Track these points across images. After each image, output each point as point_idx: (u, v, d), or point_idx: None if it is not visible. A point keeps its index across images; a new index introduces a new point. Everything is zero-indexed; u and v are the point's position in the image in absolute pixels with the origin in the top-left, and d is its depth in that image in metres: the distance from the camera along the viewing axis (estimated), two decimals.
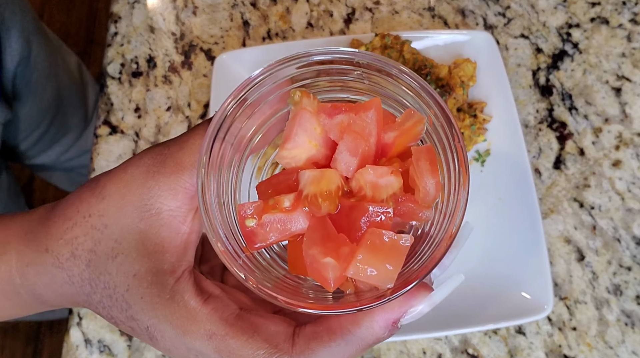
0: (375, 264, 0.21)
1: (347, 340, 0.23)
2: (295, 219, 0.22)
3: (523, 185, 0.47)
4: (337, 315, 0.23)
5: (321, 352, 0.23)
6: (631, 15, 0.56)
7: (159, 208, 0.25)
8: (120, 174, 0.26)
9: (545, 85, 0.55)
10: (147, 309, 0.25)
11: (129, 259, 0.26)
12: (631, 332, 0.47)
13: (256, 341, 0.24)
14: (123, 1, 0.60)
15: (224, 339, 0.24)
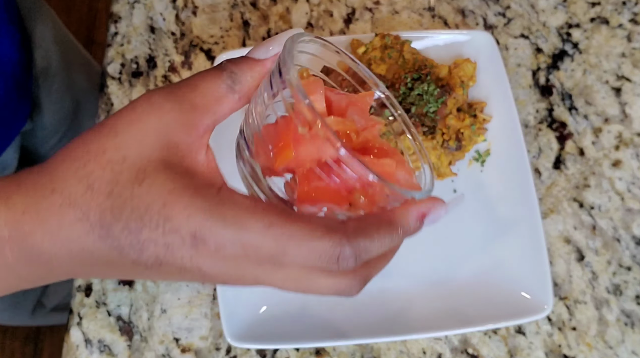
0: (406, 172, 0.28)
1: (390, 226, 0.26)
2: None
3: (523, 185, 0.47)
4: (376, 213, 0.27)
5: (372, 234, 0.25)
6: (631, 15, 0.56)
7: (176, 142, 0.26)
8: (129, 112, 0.26)
9: (545, 85, 0.55)
10: (193, 216, 0.24)
11: (159, 181, 0.25)
12: (631, 332, 0.47)
13: (314, 224, 0.24)
14: (123, 1, 0.60)
15: (283, 225, 0.24)
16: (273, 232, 0.24)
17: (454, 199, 0.28)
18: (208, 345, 0.47)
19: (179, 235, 0.24)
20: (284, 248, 0.24)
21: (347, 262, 0.24)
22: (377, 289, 0.47)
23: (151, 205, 0.25)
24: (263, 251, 0.24)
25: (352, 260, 0.24)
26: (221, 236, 0.24)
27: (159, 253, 0.25)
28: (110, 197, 0.25)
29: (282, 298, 0.47)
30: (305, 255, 0.24)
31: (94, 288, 0.50)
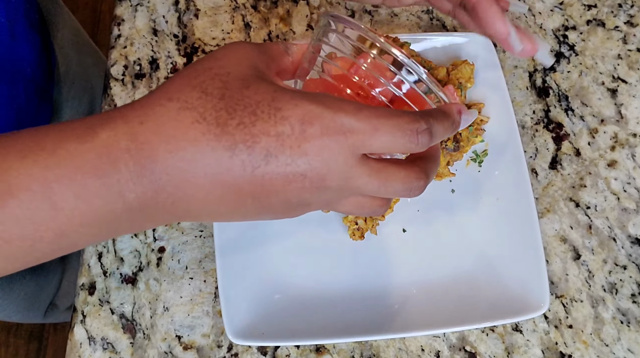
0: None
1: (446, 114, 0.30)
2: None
3: (520, 185, 0.48)
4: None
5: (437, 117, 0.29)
6: (627, 18, 0.57)
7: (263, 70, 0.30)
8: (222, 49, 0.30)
9: (542, 86, 0.55)
10: (299, 104, 0.28)
11: (263, 85, 0.29)
12: (627, 330, 0.47)
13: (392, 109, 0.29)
14: (126, 4, 0.61)
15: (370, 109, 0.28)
16: (364, 113, 0.28)
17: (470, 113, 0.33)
18: (210, 343, 0.48)
19: (288, 123, 0.27)
20: (374, 125, 0.27)
21: (424, 137, 0.28)
22: (377, 287, 0.48)
23: (261, 102, 0.28)
24: (358, 127, 0.28)
25: (427, 135, 0.28)
26: (324, 118, 0.27)
27: (269, 145, 0.27)
28: (223, 99, 0.28)
29: (283, 297, 0.47)
30: (391, 130, 0.28)
31: (97, 287, 0.50)
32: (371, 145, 0.28)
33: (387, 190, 0.30)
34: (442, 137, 0.30)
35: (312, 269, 0.49)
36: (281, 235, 0.50)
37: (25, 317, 0.74)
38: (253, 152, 0.27)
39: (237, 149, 0.27)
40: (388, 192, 0.30)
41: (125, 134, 0.27)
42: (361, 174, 0.29)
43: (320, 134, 0.27)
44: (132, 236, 0.52)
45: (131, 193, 0.27)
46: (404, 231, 0.50)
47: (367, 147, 0.28)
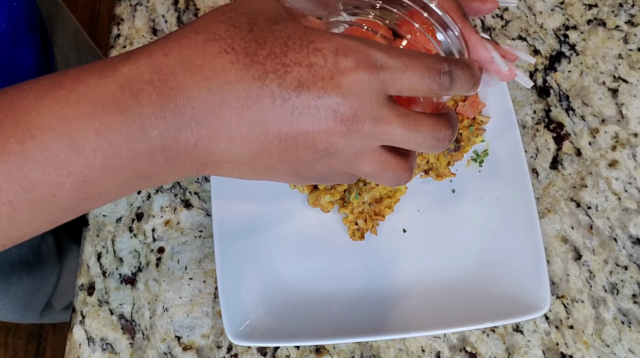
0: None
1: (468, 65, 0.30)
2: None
3: (520, 185, 0.48)
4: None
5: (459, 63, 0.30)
6: (628, 17, 0.57)
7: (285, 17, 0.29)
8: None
9: (543, 86, 0.55)
10: (333, 37, 0.27)
11: (292, 23, 0.28)
12: (628, 331, 0.47)
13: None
14: (125, 3, 0.61)
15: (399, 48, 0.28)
16: (396, 51, 0.28)
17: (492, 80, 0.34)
18: (209, 343, 0.48)
19: (321, 54, 0.26)
20: (405, 63, 0.27)
21: (446, 78, 0.28)
22: (377, 288, 0.48)
23: (292, 34, 0.27)
24: (390, 64, 0.27)
25: (449, 77, 0.28)
26: (358, 52, 0.26)
27: (301, 75, 0.26)
28: (252, 32, 0.27)
29: (282, 298, 0.47)
30: (420, 69, 0.27)
31: (96, 287, 0.50)
32: (401, 83, 0.27)
33: (417, 136, 0.28)
34: (462, 87, 0.30)
35: (312, 270, 0.48)
36: (281, 235, 0.49)
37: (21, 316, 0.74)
38: (284, 82, 0.26)
39: (268, 79, 0.26)
40: (417, 139, 0.29)
41: (148, 66, 0.26)
42: (391, 116, 0.28)
43: (355, 66, 0.26)
44: (131, 237, 0.52)
45: (153, 129, 0.26)
46: (404, 231, 0.50)
47: (397, 85, 0.27)
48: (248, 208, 0.49)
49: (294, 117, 0.26)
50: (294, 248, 0.49)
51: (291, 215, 0.50)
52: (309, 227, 0.50)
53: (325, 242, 0.49)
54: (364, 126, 0.27)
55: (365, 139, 0.28)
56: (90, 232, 0.52)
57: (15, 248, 0.65)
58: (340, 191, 0.48)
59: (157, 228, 0.52)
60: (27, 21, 0.51)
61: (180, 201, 0.52)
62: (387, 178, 0.31)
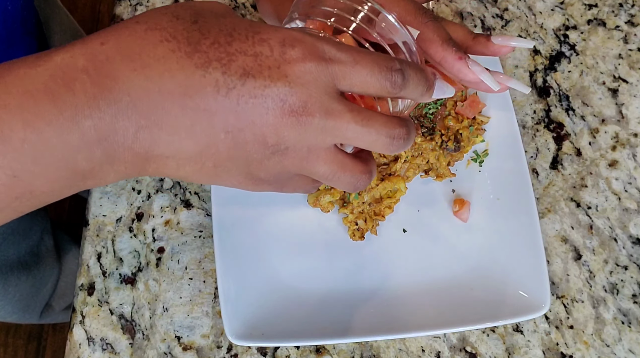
0: None
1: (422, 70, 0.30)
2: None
3: (520, 185, 0.48)
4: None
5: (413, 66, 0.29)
6: (628, 17, 0.57)
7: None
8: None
9: (543, 86, 0.55)
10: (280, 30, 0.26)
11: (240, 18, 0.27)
12: (628, 331, 0.47)
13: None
14: (125, 3, 0.61)
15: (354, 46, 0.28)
16: (345, 46, 0.27)
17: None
18: (209, 343, 0.48)
19: (267, 44, 0.25)
20: (354, 58, 0.26)
21: (398, 75, 0.27)
22: (377, 288, 0.48)
23: (238, 25, 0.26)
24: (339, 57, 0.26)
25: (401, 75, 0.27)
26: (306, 43, 0.26)
27: (246, 63, 0.25)
28: (197, 23, 0.26)
29: (282, 298, 0.47)
30: (370, 65, 0.26)
31: (96, 287, 0.50)
32: (351, 78, 0.26)
33: (370, 132, 0.27)
34: (415, 88, 0.29)
35: (312, 270, 0.48)
36: (281, 235, 0.49)
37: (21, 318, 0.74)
38: (228, 70, 0.25)
39: (211, 67, 0.25)
40: (370, 135, 0.27)
41: (83, 54, 0.24)
42: (343, 110, 0.27)
43: (302, 57, 0.25)
44: (131, 237, 0.52)
45: (86, 119, 0.24)
46: (405, 231, 0.50)
47: (347, 79, 0.26)
48: (248, 208, 0.49)
49: (239, 107, 0.25)
50: (294, 248, 0.49)
51: (291, 215, 0.50)
52: (309, 227, 0.50)
53: (325, 242, 0.49)
54: (314, 119, 0.26)
55: (316, 133, 0.27)
56: (90, 232, 0.52)
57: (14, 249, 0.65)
58: (340, 191, 0.48)
59: (157, 228, 0.52)
60: (23, 24, 0.51)
61: (180, 201, 0.52)
62: (345, 181, 0.30)
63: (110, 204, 0.53)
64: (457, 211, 0.49)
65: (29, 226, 0.67)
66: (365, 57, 0.27)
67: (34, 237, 0.69)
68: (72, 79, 0.24)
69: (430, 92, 0.30)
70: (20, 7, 0.49)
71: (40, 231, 0.71)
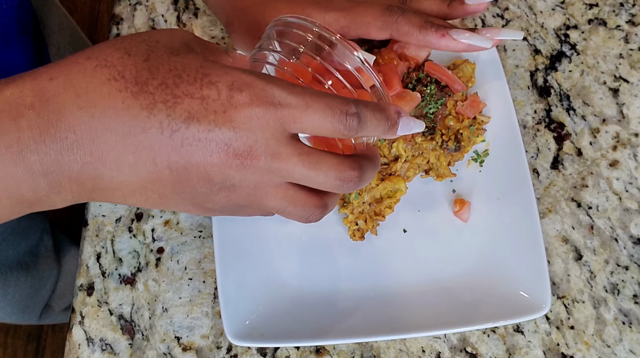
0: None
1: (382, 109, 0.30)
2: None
3: (521, 185, 0.48)
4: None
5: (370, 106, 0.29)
6: (628, 17, 0.57)
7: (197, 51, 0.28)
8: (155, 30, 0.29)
9: (543, 86, 0.55)
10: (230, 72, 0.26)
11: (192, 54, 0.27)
12: (629, 331, 0.47)
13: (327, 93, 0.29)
14: (125, 3, 0.61)
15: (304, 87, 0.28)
16: (297, 89, 0.27)
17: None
18: (209, 344, 0.48)
19: (215, 87, 0.25)
20: (306, 102, 0.26)
21: (353, 119, 0.27)
22: (377, 288, 0.48)
23: (189, 65, 0.26)
24: (289, 101, 0.26)
25: (356, 118, 0.27)
26: (255, 87, 0.26)
27: (192, 107, 0.25)
28: (148, 61, 0.26)
29: (282, 298, 0.47)
30: (322, 108, 0.26)
31: (95, 287, 0.50)
32: (302, 122, 0.26)
33: (318, 175, 0.27)
34: (373, 129, 0.29)
35: (313, 270, 0.48)
36: (281, 235, 0.49)
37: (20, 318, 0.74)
38: (173, 113, 0.25)
39: (156, 108, 0.25)
40: (319, 178, 0.27)
41: (31, 90, 0.25)
42: (290, 154, 0.27)
43: (249, 102, 0.25)
44: (130, 237, 0.51)
45: (32, 153, 0.24)
46: (405, 231, 0.50)
47: (298, 123, 0.26)
48: None
49: (183, 148, 0.25)
50: (294, 248, 0.49)
51: None
52: (308, 227, 0.49)
53: (325, 242, 0.49)
54: (259, 162, 0.26)
55: (262, 174, 0.27)
56: (90, 232, 0.52)
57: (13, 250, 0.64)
58: None
59: (156, 228, 0.51)
60: (20, 24, 0.51)
61: None
62: (297, 214, 0.30)
63: (110, 204, 0.53)
64: (458, 211, 0.49)
65: (28, 227, 0.67)
66: (318, 100, 0.27)
67: (33, 237, 0.69)
68: (19, 114, 0.24)
69: (393, 130, 0.30)
70: (16, 5, 0.48)
71: (40, 232, 0.71)
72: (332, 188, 0.28)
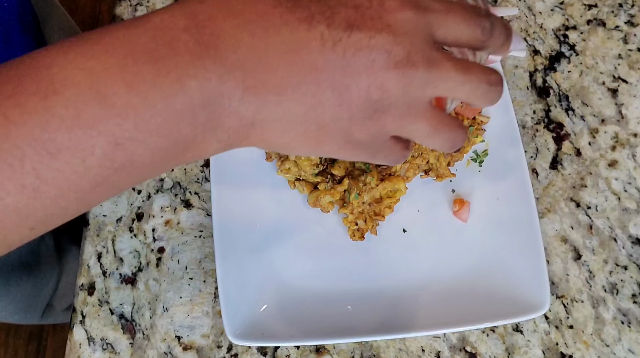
0: None
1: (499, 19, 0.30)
2: None
3: (520, 185, 0.48)
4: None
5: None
6: (627, 17, 0.57)
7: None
8: None
9: (542, 86, 0.55)
10: None
11: None
12: (627, 330, 0.47)
13: None
14: (126, 3, 0.61)
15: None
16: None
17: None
18: (209, 343, 0.48)
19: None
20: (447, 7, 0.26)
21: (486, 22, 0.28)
22: (377, 288, 0.48)
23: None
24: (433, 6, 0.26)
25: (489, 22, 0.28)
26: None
27: (349, 15, 0.24)
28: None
29: (282, 298, 0.47)
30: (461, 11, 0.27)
31: (96, 287, 0.50)
32: (447, 26, 0.26)
33: (471, 80, 0.27)
34: (499, 36, 0.29)
35: (312, 270, 0.48)
36: (281, 235, 0.49)
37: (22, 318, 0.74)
38: (333, 23, 0.24)
39: (315, 20, 0.24)
40: (472, 83, 0.27)
41: (183, 14, 0.23)
42: (443, 59, 0.26)
43: (401, 5, 0.25)
44: (131, 237, 0.52)
45: (191, 79, 0.23)
46: (405, 231, 0.50)
47: (443, 28, 0.26)
48: (248, 208, 0.49)
49: (345, 60, 0.24)
50: (294, 248, 0.49)
51: (291, 215, 0.50)
52: (309, 227, 0.50)
53: (325, 242, 0.49)
54: (418, 71, 0.25)
55: (419, 87, 0.26)
56: (91, 232, 0.52)
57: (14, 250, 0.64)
58: (340, 191, 0.48)
59: (157, 228, 0.52)
60: (20, 22, 0.51)
61: (181, 201, 0.52)
62: (444, 136, 0.28)
63: (111, 204, 0.53)
64: (457, 211, 0.49)
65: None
66: (455, 6, 0.27)
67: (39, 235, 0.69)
68: (174, 38, 0.23)
69: (509, 42, 0.30)
70: (16, 4, 0.48)
71: None
72: (481, 94, 0.28)
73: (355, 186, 0.48)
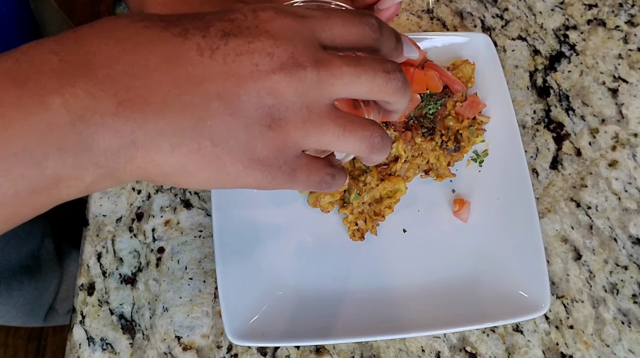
0: None
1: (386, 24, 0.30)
2: None
3: (520, 185, 0.48)
4: None
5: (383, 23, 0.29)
6: (627, 17, 0.57)
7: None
8: None
9: (543, 86, 0.55)
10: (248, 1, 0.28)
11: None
12: (628, 330, 0.47)
13: None
14: (125, 4, 0.61)
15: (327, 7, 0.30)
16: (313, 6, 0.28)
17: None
18: (209, 343, 0.48)
19: (240, 12, 0.25)
20: (325, 13, 0.26)
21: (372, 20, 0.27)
22: (377, 288, 0.48)
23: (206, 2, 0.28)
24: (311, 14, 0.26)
25: (375, 20, 0.27)
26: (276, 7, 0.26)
27: (225, 27, 0.24)
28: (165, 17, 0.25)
29: (282, 298, 0.47)
30: (342, 15, 0.26)
31: (96, 287, 0.50)
32: (331, 28, 0.26)
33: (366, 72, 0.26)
34: (389, 37, 0.28)
35: (312, 270, 0.48)
36: (281, 235, 0.49)
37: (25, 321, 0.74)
38: (208, 34, 0.24)
39: (189, 33, 0.24)
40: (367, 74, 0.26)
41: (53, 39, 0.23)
42: (332, 57, 0.25)
43: (275, 15, 0.25)
44: (131, 237, 0.52)
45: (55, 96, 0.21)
46: (404, 231, 0.50)
47: (328, 30, 0.26)
48: (248, 208, 0.49)
49: (227, 66, 0.23)
50: (294, 248, 0.49)
51: (291, 215, 0.50)
52: (309, 227, 0.50)
53: (325, 242, 0.49)
54: (307, 71, 0.24)
55: (313, 88, 0.25)
56: (90, 232, 0.52)
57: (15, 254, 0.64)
58: (340, 192, 0.48)
59: (157, 228, 0.52)
60: (20, 26, 0.51)
61: (180, 201, 0.52)
62: (357, 135, 0.26)
63: (110, 204, 0.53)
64: (457, 211, 0.49)
65: (29, 231, 0.67)
66: (335, 12, 0.27)
67: (35, 241, 0.69)
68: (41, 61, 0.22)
69: (400, 44, 0.29)
70: (15, 9, 0.48)
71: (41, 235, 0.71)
72: (381, 85, 0.26)
73: (355, 186, 0.48)
